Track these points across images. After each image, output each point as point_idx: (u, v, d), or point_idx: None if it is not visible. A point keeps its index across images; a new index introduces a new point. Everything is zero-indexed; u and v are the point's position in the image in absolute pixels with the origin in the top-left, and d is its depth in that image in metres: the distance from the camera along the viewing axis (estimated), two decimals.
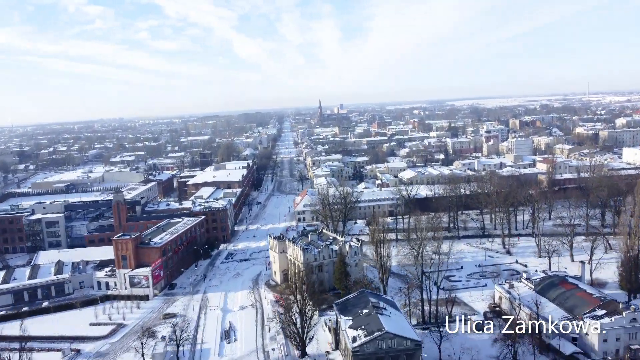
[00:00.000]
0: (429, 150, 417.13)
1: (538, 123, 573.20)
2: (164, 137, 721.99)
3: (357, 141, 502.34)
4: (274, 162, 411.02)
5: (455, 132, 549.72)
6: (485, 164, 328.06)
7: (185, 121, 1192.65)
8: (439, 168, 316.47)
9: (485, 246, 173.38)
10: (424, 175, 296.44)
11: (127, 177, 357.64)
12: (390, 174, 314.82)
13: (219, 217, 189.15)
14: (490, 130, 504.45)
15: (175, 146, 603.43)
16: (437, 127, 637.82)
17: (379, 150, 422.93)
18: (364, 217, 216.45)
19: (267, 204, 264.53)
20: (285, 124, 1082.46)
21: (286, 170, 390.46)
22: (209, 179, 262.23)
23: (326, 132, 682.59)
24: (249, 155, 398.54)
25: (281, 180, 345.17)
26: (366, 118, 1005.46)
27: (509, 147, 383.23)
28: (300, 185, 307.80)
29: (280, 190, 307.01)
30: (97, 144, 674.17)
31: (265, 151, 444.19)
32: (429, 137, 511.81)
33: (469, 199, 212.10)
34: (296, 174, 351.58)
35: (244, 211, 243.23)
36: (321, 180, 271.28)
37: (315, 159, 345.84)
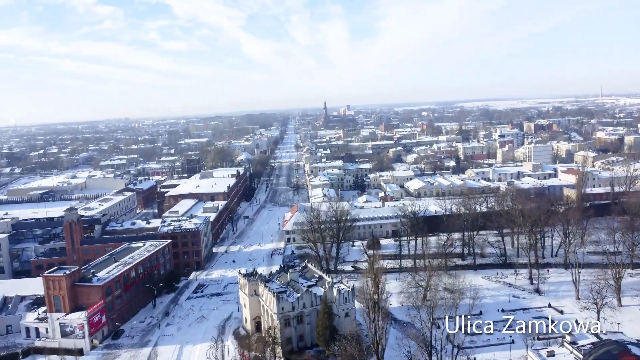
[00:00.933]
0: (438, 157, 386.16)
1: (555, 127, 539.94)
2: (162, 139, 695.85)
3: (361, 145, 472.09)
4: (271, 168, 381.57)
5: (467, 136, 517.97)
6: (500, 172, 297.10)
7: (189, 122, 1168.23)
8: (449, 177, 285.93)
9: (507, 280, 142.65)
10: (432, 186, 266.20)
11: (111, 184, 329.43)
12: (396, 184, 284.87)
13: (190, 239, 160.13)
14: (504, 134, 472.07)
15: (171, 149, 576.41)
16: (447, 130, 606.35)
17: (385, 156, 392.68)
18: (363, 238, 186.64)
19: (256, 219, 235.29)
20: (290, 126, 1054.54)
21: (283, 177, 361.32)
22: (191, 189, 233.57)
23: (330, 135, 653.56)
24: (244, 160, 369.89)
25: (276, 189, 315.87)
26: (373, 120, 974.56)
27: (526, 154, 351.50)
28: (296, 195, 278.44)
29: (273, 201, 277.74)
30: (93, 146, 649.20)
31: (262, 156, 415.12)
32: (438, 141, 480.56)
33: (485, 217, 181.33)
34: (293, 182, 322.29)
35: (228, 228, 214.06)
36: (317, 192, 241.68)
37: (314, 166, 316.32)
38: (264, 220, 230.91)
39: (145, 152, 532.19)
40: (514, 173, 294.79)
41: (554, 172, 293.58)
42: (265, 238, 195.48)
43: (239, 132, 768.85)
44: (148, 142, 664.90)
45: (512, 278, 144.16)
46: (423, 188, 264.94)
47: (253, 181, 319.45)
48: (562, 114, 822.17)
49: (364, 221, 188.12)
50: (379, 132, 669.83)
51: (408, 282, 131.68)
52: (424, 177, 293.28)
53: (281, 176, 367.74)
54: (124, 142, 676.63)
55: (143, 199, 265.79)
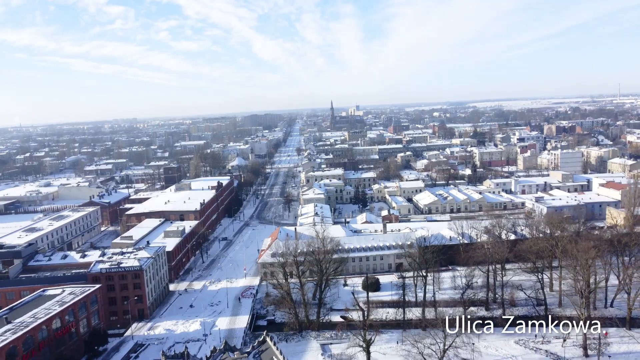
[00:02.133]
0: (451, 163, 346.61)
1: (578, 129, 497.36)
2: (159, 141, 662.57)
3: (367, 149, 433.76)
4: (264, 175, 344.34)
5: (482, 138, 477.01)
6: (524, 184, 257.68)
7: (194, 122, 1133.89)
8: (465, 189, 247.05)
9: (552, 349, 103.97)
10: (446, 201, 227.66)
11: (85, 193, 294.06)
12: (403, 196, 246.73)
13: (131, 281, 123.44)
14: (523, 137, 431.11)
15: (166, 152, 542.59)
16: (461, 132, 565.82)
17: (392, 162, 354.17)
18: (358, 272, 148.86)
19: (236, 241, 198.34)
20: (296, 127, 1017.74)
21: (279, 186, 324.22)
22: (158, 206, 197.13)
23: (336, 137, 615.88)
24: (235, 167, 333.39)
25: (267, 200, 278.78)
26: (382, 121, 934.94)
27: (551, 161, 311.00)
28: (287, 210, 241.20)
29: (260, 217, 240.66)
30: (86, 148, 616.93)
31: (256, 162, 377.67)
32: (451, 144, 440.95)
33: (515, 247, 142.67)
34: (287, 193, 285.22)
35: (198, 255, 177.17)
36: (309, 208, 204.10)
37: (310, 175, 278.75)
38: (244, 243, 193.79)
39: (137, 155, 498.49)
40: (540, 185, 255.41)
41: (587, 184, 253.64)
42: (239, 270, 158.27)
43: (240, 134, 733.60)
44: (144, 144, 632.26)
45: (556, 343, 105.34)
46: (434, 203, 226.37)
47: (242, 192, 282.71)
48: (583, 114, 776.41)
49: (360, 252, 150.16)
50: (388, 134, 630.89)
51: (414, 356, 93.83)
52: (436, 189, 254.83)
53: (276, 185, 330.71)
54: (120, 144, 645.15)
55: (110, 214, 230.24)
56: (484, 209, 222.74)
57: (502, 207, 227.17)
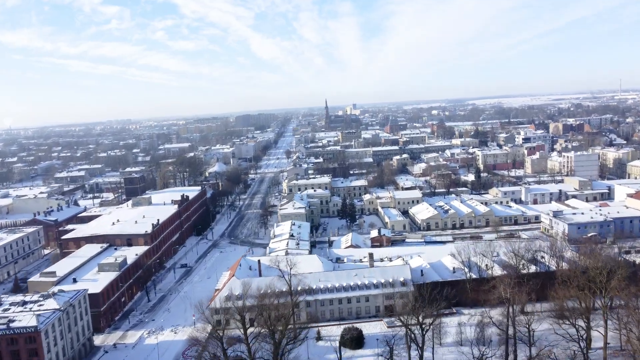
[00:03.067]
0: (452, 167, 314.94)
1: (587, 127, 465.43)
2: (144, 143, 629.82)
3: (361, 152, 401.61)
4: (245, 183, 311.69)
5: (484, 138, 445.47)
6: (536, 192, 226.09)
7: (188, 123, 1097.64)
8: (468, 199, 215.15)
9: None
10: (447, 215, 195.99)
11: (43, 206, 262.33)
12: (397, 209, 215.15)
13: (24, 347, 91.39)
14: (528, 137, 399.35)
15: (148, 155, 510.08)
16: (461, 131, 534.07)
17: (387, 166, 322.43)
18: (337, 319, 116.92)
19: (197, 269, 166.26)
20: (291, 126, 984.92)
21: (260, 195, 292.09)
22: (103, 228, 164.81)
23: (330, 137, 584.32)
24: (212, 174, 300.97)
25: (245, 213, 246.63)
26: (379, 120, 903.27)
27: (563, 164, 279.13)
28: (264, 226, 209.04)
29: (233, 235, 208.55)
30: (66, 152, 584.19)
31: (236, 168, 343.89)
32: (451, 145, 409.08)
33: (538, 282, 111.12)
34: (268, 203, 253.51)
35: (148, 290, 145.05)
36: (284, 228, 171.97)
37: (294, 184, 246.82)
38: (206, 271, 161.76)
39: (115, 160, 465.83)
40: (555, 193, 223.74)
41: (608, 192, 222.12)
42: (189, 313, 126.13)
43: (230, 135, 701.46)
44: (127, 147, 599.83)
45: None
46: (434, 218, 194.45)
47: (217, 203, 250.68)
48: (587, 111, 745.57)
49: (340, 292, 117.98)
50: (384, 133, 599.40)
51: None
52: (435, 199, 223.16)
53: (258, 193, 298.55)
54: (102, 148, 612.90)
55: (57, 234, 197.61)
56: (492, 224, 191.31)
57: (512, 221, 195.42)
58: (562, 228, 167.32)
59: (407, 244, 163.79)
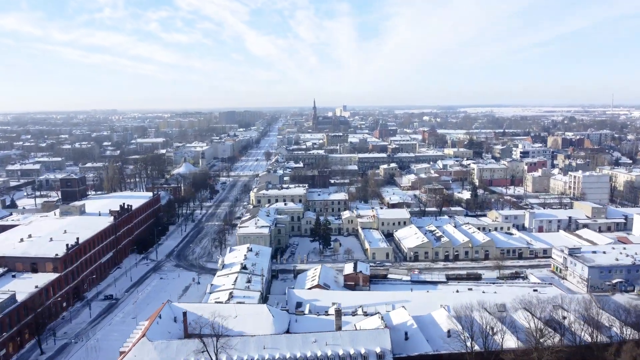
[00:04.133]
0: (444, 180, 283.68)
1: (587, 143, 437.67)
2: (117, 136, 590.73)
3: (345, 158, 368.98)
4: (212, 189, 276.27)
5: (479, 149, 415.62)
6: (543, 219, 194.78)
7: (173, 116, 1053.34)
8: (465, 226, 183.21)
9: None
10: (440, 244, 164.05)
11: None
12: (380, 231, 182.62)
13: None
14: (527, 151, 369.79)
15: (117, 150, 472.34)
16: (453, 140, 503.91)
17: (372, 177, 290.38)
18: None
19: (124, 302, 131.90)
20: (277, 125, 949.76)
21: (228, 203, 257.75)
22: (4, 246, 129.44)
23: (315, 139, 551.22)
24: (174, 176, 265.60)
25: (204, 226, 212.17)
26: (368, 123, 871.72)
27: (569, 185, 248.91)
28: (221, 245, 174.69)
29: (182, 255, 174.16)
30: (30, 142, 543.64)
31: (203, 171, 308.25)
32: (443, 155, 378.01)
33: None
34: (231, 216, 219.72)
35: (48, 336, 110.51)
36: (237, 256, 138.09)
37: (263, 194, 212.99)
38: (135, 307, 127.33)
39: (80, 153, 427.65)
40: (563, 220, 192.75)
41: (625, 221, 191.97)
42: None
43: (211, 132, 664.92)
44: (99, 139, 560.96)
45: None
46: (423, 247, 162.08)
47: (174, 212, 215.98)
48: (584, 125, 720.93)
49: None
50: (372, 138, 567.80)
51: None
52: (426, 221, 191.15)
53: (226, 201, 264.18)
54: (74, 138, 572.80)
55: None
56: (492, 256, 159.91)
57: (516, 254, 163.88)
58: (581, 271, 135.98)
59: (389, 284, 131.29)
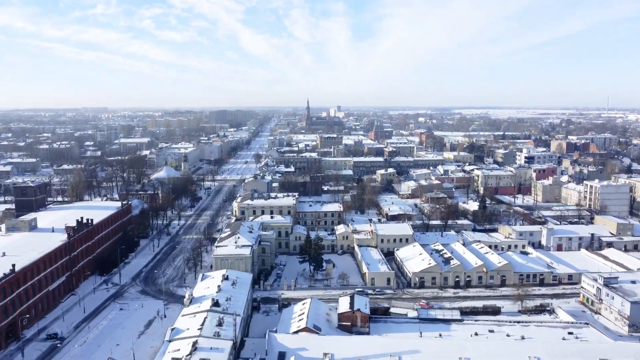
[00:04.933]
0: (447, 188, 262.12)
1: (593, 147, 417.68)
2: (101, 135, 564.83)
3: (340, 162, 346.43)
4: (194, 195, 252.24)
5: (480, 153, 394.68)
6: (562, 236, 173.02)
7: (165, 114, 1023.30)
8: (475, 244, 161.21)
9: None
10: (449, 268, 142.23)
11: None
12: (379, 250, 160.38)
13: None
14: (532, 155, 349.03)
15: (98, 150, 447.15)
16: (452, 143, 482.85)
17: (369, 183, 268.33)
18: None
19: (70, 343, 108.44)
20: (270, 125, 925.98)
21: (211, 212, 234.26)
22: None
23: (308, 141, 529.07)
24: (151, 184, 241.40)
25: (180, 241, 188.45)
26: (363, 124, 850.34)
27: (584, 195, 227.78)
28: (197, 265, 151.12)
29: (151, 277, 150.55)
30: (10, 140, 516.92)
31: (184, 175, 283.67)
32: (444, 160, 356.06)
33: None
34: (212, 228, 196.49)
35: None
36: (210, 285, 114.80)
37: (247, 205, 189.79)
38: (83, 349, 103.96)
39: (58, 153, 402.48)
40: (585, 238, 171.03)
41: None
42: None
43: (200, 132, 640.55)
44: (82, 138, 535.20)
45: None
46: (431, 271, 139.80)
47: (147, 224, 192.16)
48: (584, 129, 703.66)
49: None
50: (368, 140, 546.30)
51: None
52: (430, 238, 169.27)
53: (209, 209, 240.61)
54: (53, 138, 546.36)
55: None
56: (509, 282, 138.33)
57: (537, 279, 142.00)
58: (621, 306, 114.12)
59: (392, 321, 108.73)
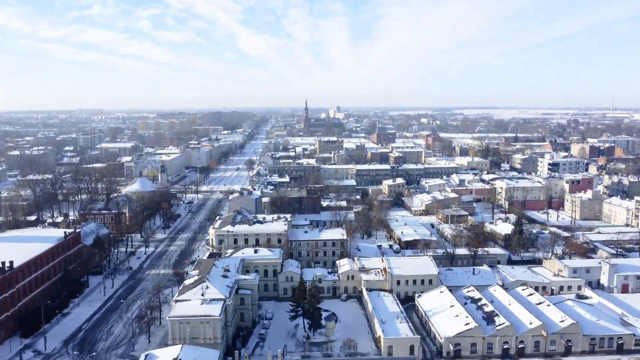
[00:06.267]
0: (466, 202, 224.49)
1: (618, 151, 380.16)
2: (84, 139, 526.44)
3: (341, 170, 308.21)
4: (167, 215, 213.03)
5: (496, 159, 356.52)
6: (629, 274, 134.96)
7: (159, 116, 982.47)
8: (515, 282, 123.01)
9: None
10: (495, 332, 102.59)
11: None
12: (395, 295, 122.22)
13: None
14: (557, 162, 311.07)
15: (77, 156, 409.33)
16: (462, 147, 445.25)
17: (375, 197, 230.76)
18: None
19: None
20: (267, 127, 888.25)
21: (188, 235, 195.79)
22: None
23: (306, 144, 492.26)
24: (113, 202, 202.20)
25: (142, 278, 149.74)
26: (364, 125, 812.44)
27: (636, 213, 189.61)
28: (154, 324, 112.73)
29: (90, 339, 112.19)
30: None
31: (160, 190, 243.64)
32: (457, 168, 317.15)
33: None
34: (194, 252, 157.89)
35: None
36: None
37: (226, 233, 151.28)
38: None
39: (30, 161, 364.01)
40: None
41: None
42: None
43: (190, 135, 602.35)
44: (62, 143, 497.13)
45: None
46: (470, 335, 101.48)
47: (104, 255, 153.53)
48: (598, 130, 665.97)
49: None
50: (370, 143, 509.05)
51: None
52: (459, 277, 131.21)
53: (185, 231, 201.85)
54: (33, 142, 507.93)
55: None
56: (577, 349, 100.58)
57: (616, 346, 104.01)
58: None
59: None
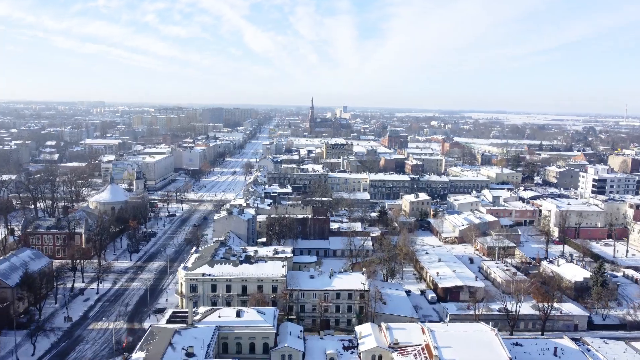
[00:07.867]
0: (511, 231, 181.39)
1: None
2: (68, 134, 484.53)
3: (352, 180, 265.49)
4: (136, 236, 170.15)
5: (530, 173, 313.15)
6: None
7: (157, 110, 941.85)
8: None
9: None
10: None
11: None
12: None
13: None
14: (604, 178, 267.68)
15: (57, 153, 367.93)
16: (484, 154, 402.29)
17: (395, 216, 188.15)
18: None
19: None
20: (270, 125, 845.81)
21: (160, 263, 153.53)
22: None
23: (311, 146, 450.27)
24: (65, 218, 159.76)
25: (81, 338, 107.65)
26: (373, 127, 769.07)
27: None
28: None
29: None
30: None
31: (137, 200, 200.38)
32: (487, 181, 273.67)
33: None
34: (166, 293, 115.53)
35: None
36: None
37: (202, 276, 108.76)
38: None
39: (3, 157, 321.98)
40: None
41: None
42: None
43: (188, 132, 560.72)
44: (46, 137, 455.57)
45: None
46: None
47: (40, 295, 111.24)
48: (623, 139, 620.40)
49: None
50: (382, 148, 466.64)
51: None
52: (529, 355, 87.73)
53: (159, 256, 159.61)
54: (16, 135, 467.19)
55: None
56: None
57: None
58: None
59: None
